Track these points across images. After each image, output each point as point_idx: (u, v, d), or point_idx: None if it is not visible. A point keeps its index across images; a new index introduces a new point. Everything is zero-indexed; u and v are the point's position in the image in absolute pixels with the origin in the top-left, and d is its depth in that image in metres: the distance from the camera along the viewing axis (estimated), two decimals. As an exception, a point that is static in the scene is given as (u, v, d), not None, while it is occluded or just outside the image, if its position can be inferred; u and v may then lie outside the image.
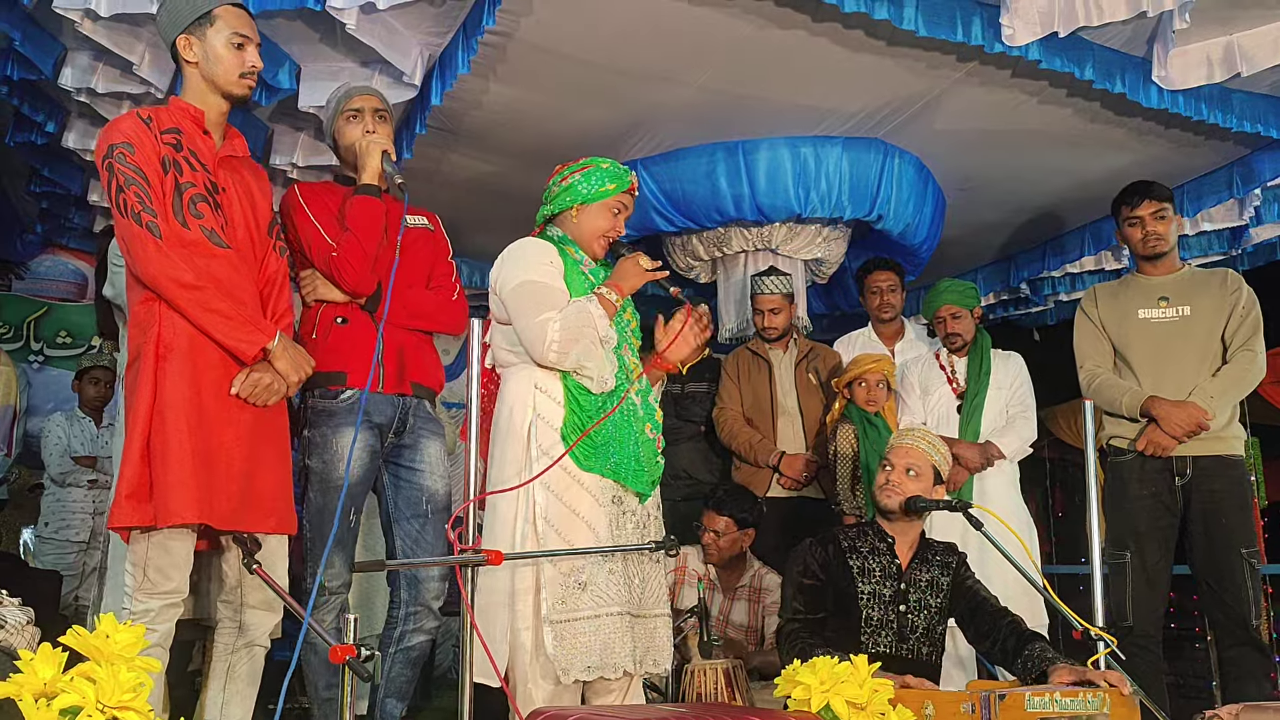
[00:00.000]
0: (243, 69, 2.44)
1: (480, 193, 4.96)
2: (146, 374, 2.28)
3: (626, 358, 2.71)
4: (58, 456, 5.03)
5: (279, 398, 2.46)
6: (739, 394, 4.37)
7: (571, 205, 2.74)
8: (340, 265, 2.72)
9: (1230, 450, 3.45)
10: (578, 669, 2.47)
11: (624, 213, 2.79)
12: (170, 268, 2.29)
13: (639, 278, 2.71)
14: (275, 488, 2.46)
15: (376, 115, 2.89)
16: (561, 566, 2.52)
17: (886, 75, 4.01)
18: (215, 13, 2.43)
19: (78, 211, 5.50)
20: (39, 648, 1.50)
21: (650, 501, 2.73)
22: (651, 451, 2.70)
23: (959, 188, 5.11)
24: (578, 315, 2.57)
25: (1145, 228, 3.56)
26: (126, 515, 2.22)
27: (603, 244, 2.76)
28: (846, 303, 6.16)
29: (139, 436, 2.25)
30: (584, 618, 2.50)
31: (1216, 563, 3.38)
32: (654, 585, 2.69)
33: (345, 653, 1.92)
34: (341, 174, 2.97)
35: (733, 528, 3.88)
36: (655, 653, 2.64)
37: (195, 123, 2.45)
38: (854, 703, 2.21)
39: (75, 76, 3.86)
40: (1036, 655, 2.65)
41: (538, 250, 2.69)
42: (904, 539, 3.00)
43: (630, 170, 2.82)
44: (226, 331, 2.34)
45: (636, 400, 2.70)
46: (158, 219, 2.30)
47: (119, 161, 2.32)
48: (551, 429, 2.58)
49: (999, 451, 4.03)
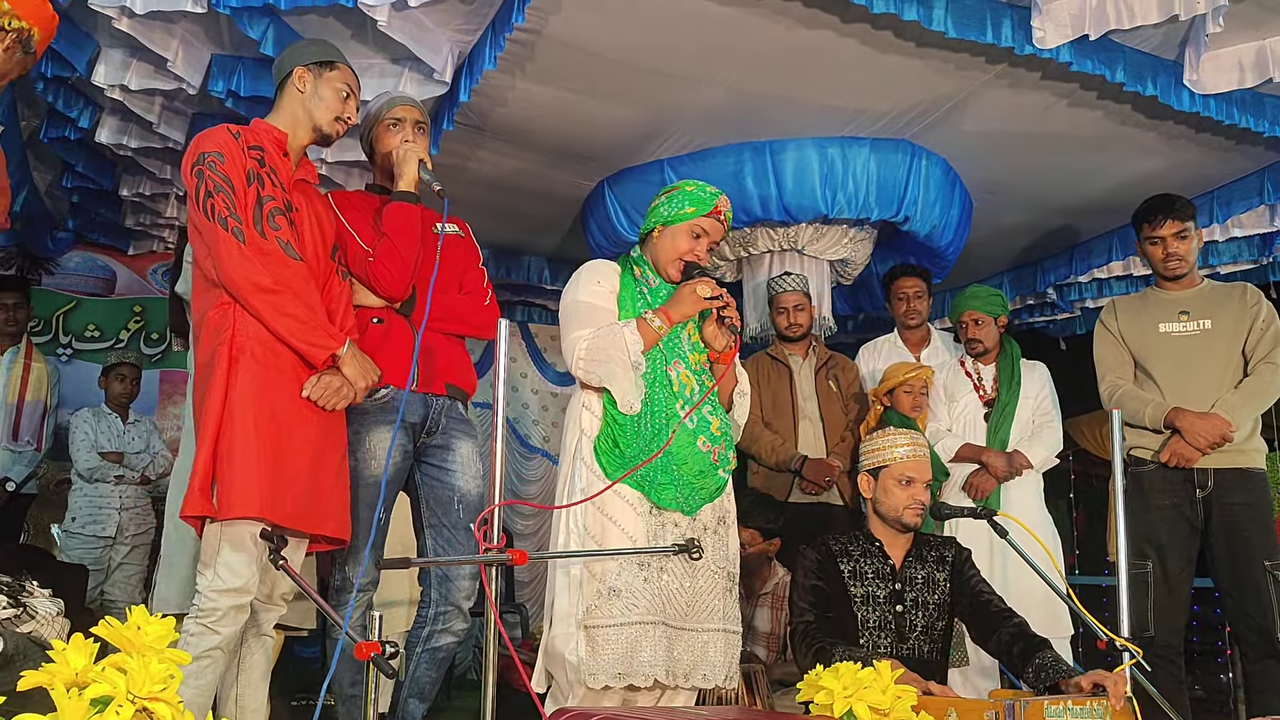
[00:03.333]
0: (341, 114, 2.65)
1: (506, 189, 4.98)
2: (219, 375, 2.36)
3: (674, 373, 2.70)
4: (85, 452, 5.07)
5: (347, 403, 2.54)
6: (758, 398, 4.34)
7: (654, 227, 2.81)
8: (377, 271, 2.74)
9: (1252, 463, 3.43)
10: (606, 675, 2.47)
11: (705, 237, 2.78)
12: (251, 272, 2.38)
13: (694, 306, 2.69)
14: (337, 492, 2.54)
15: (417, 127, 2.90)
16: (595, 571, 2.54)
17: (915, 76, 4.00)
18: (338, 64, 2.68)
19: (107, 207, 5.55)
20: (71, 638, 1.51)
21: (708, 515, 2.70)
22: (701, 465, 2.66)
23: (986, 190, 5.08)
24: (608, 338, 2.62)
25: (1167, 248, 3.54)
26: (197, 505, 2.30)
27: (678, 266, 2.77)
28: (871, 305, 6.14)
29: (211, 434, 2.32)
30: (614, 624, 2.51)
31: (1238, 576, 3.35)
32: (708, 599, 2.66)
33: (370, 649, 1.92)
34: (374, 184, 2.98)
35: (758, 539, 3.87)
36: (706, 667, 2.62)
37: (278, 145, 2.58)
38: (877, 708, 2.20)
39: (109, 73, 3.89)
40: (1049, 666, 2.64)
41: (593, 271, 2.77)
42: (896, 541, 2.99)
43: (720, 194, 2.81)
44: (300, 335, 2.43)
45: (684, 414, 2.66)
46: (242, 225, 2.40)
47: (210, 169, 2.42)
48: (590, 441, 2.65)
49: (1026, 461, 4.01)
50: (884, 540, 2.98)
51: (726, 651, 2.67)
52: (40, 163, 5.08)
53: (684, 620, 2.61)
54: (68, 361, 6.22)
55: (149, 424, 5.35)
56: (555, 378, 7.47)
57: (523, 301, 7.10)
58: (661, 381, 2.67)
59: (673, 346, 2.73)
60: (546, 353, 7.52)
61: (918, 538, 3.02)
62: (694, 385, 2.73)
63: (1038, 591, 3.49)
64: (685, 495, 2.65)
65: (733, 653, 2.70)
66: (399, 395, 2.77)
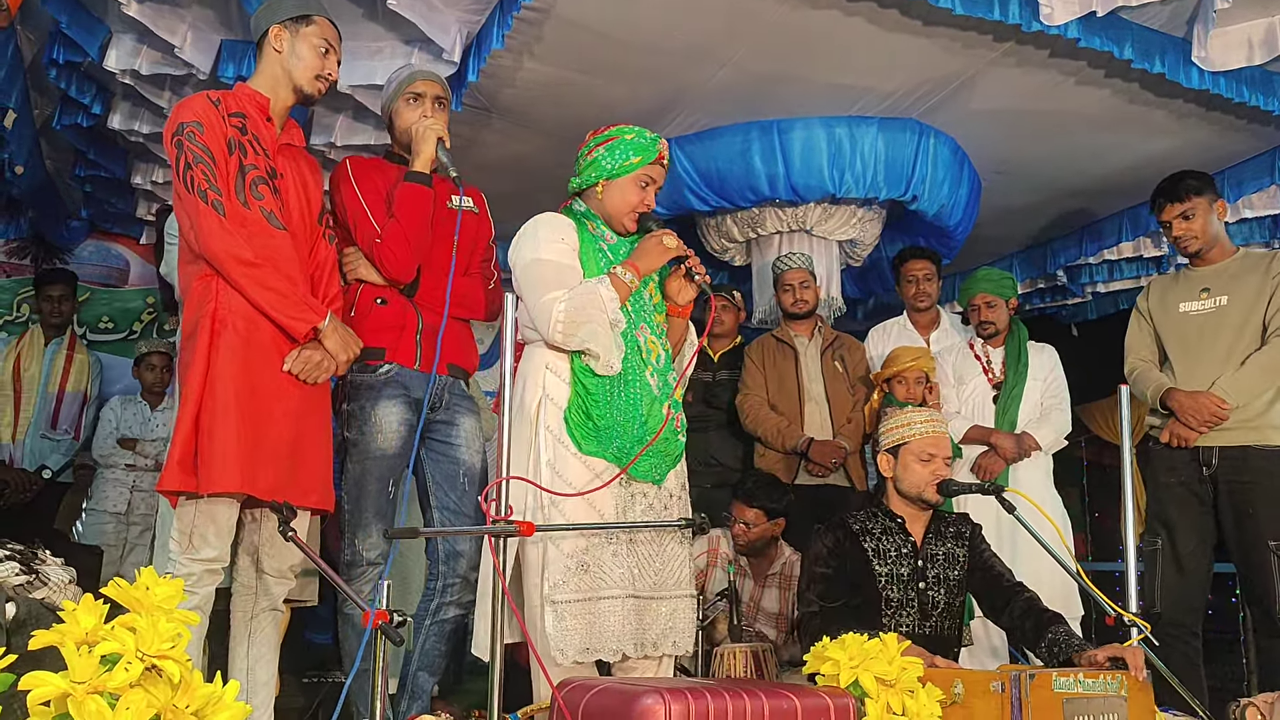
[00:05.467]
0: (320, 71, 2.59)
1: (514, 171, 4.98)
2: (201, 347, 2.36)
3: (642, 338, 2.63)
4: (102, 439, 5.13)
5: (328, 376, 2.53)
6: (764, 380, 4.34)
7: (597, 181, 2.69)
8: (384, 254, 2.74)
9: (1264, 440, 3.34)
10: (573, 650, 2.43)
11: (653, 185, 2.70)
12: (232, 245, 2.37)
13: (660, 256, 2.62)
14: (318, 465, 2.55)
15: (437, 102, 2.89)
16: (564, 547, 2.48)
17: (922, 54, 3.99)
18: (314, 18, 2.60)
19: (120, 196, 5.59)
20: (81, 599, 1.53)
21: (672, 482, 2.67)
22: (667, 431, 2.60)
23: (995, 170, 5.07)
24: (585, 296, 2.53)
25: (1174, 232, 3.54)
26: (175, 480, 2.30)
27: (633, 219, 2.69)
28: (881, 288, 6.13)
29: (191, 407, 2.32)
30: (580, 599, 2.46)
31: (1247, 554, 3.33)
32: (675, 566, 2.63)
33: (379, 618, 1.94)
34: (393, 152, 2.97)
35: (763, 518, 3.86)
36: (675, 634, 2.60)
37: (260, 109, 2.55)
38: (883, 679, 2.21)
39: (120, 59, 3.92)
40: (1063, 641, 2.64)
41: (550, 228, 2.64)
42: (917, 518, 2.99)
43: (659, 138, 2.72)
44: (281, 309, 2.42)
45: (653, 381, 2.61)
46: (222, 197, 2.39)
47: (189, 140, 2.40)
48: (558, 409, 2.55)
49: (1034, 442, 4.01)
50: (906, 518, 2.97)
51: (691, 618, 2.66)
52: (54, 151, 5.11)
53: (654, 589, 2.57)
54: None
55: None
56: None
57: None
58: (631, 347, 2.60)
59: (639, 309, 2.65)
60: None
61: (935, 515, 3.02)
62: (659, 350, 2.67)
63: (1046, 574, 3.50)
64: (655, 464, 2.61)
65: (692, 618, 2.68)
66: (402, 371, 2.79)
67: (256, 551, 2.56)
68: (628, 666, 2.60)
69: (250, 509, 2.52)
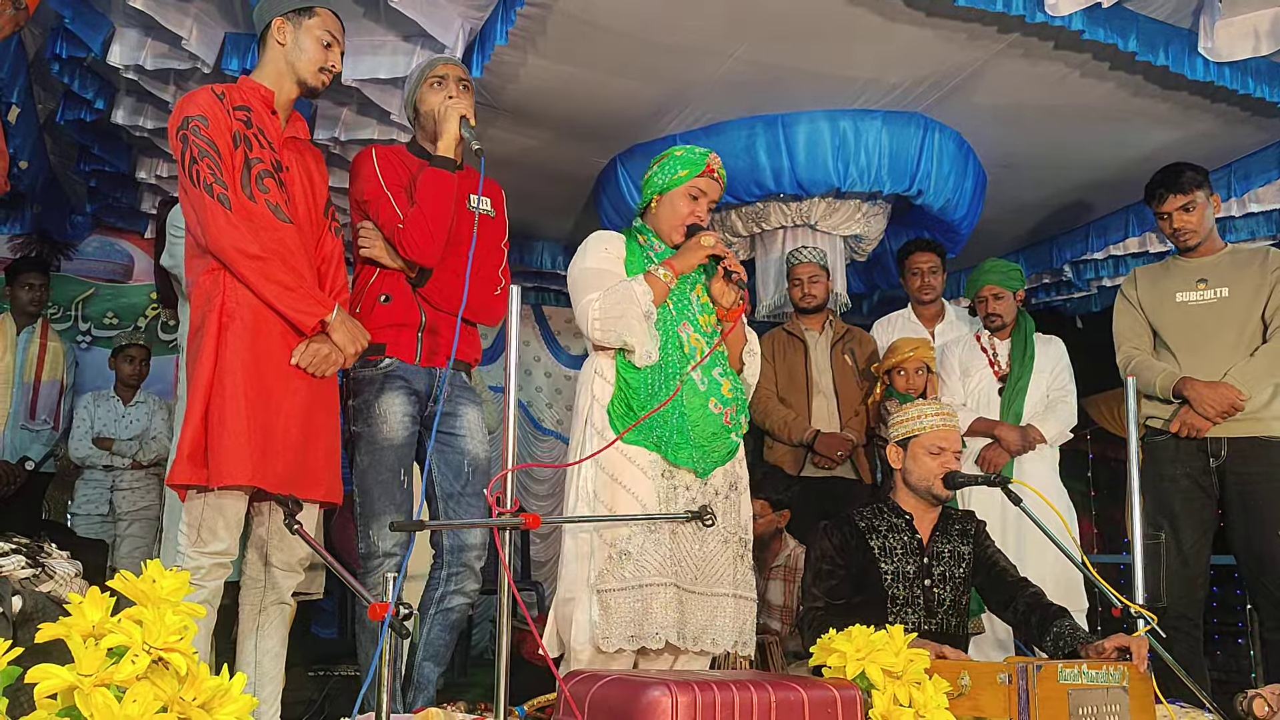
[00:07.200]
0: (324, 64, 2.58)
1: (519, 167, 4.98)
2: (209, 341, 2.36)
3: (684, 335, 2.72)
4: (77, 440, 5.07)
5: (335, 369, 2.53)
6: (773, 373, 4.35)
7: (652, 197, 2.85)
8: (405, 239, 2.75)
9: (1269, 432, 3.37)
10: (618, 638, 2.49)
11: (704, 197, 2.81)
12: (238, 239, 2.37)
13: (697, 254, 2.74)
14: (326, 457, 2.55)
15: (460, 84, 2.91)
16: (606, 536, 2.55)
17: (926, 47, 3.98)
18: (316, 9, 2.59)
19: (125, 191, 5.59)
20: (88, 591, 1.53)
21: (719, 479, 2.71)
22: (713, 427, 2.68)
23: (1000, 164, 5.05)
24: (619, 292, 2.65)
25: (1173, 224, 3.52)
26: (184, 474, 2.31)
27: (681, 231, 2.81)
28: (886, 282, 6.12)
29: (200, 401, 2.33)
30: (626, 587, 2.52)
31: (1253, 546, 3.33)
32: (719, 564, 2.67)
33: (383, 610, 1.94)
34: (416, 144, 2.97)
35: (767, 510, 3.87)
36: (714, 632, 2.63)
37: (265, 102, 2.55)
38: (889, 671, 2.20)
39: (124, 53, 3.91)
40: (1068, 634, 2.65)
41: (599, 240, 2.80)
42: (925, 515, 2.98)
43: (709, 152, 2.84)
44: (288, 302, 2.42)
45: (697, 376, 2.69)
46: (228, 191, 2.38)
47: (194, 134, 2.40)
48: (602, 407, 2.67)
49: (1040, 435, 4.00)
50: (914, 513, 2.97)
51: (737, 617, 2.68)
52: (57, 146, 5.11)
53: (694, 583, 2.62)
54: (87, 349, 6.21)
55: (154, 404, 5.29)
56: (568, 361, 7.48)
57: (536, 286, 7.11)
58: (673, 343, 2.69)
59: (682, 308, 2.75)
60: (560, 335, 7.53)
61: (943, 512, 3.01)
62: (704, 347, 2.75)
63: (1051, 567, 3.49)
64: (699, 456, 2.66)
65: (745, 619, 2.70)
66: (403, 366, 2.81)
67: (264, 545, 2.56)
68: (661, 660, 2.63)
69: (257, 502, 2.52)
